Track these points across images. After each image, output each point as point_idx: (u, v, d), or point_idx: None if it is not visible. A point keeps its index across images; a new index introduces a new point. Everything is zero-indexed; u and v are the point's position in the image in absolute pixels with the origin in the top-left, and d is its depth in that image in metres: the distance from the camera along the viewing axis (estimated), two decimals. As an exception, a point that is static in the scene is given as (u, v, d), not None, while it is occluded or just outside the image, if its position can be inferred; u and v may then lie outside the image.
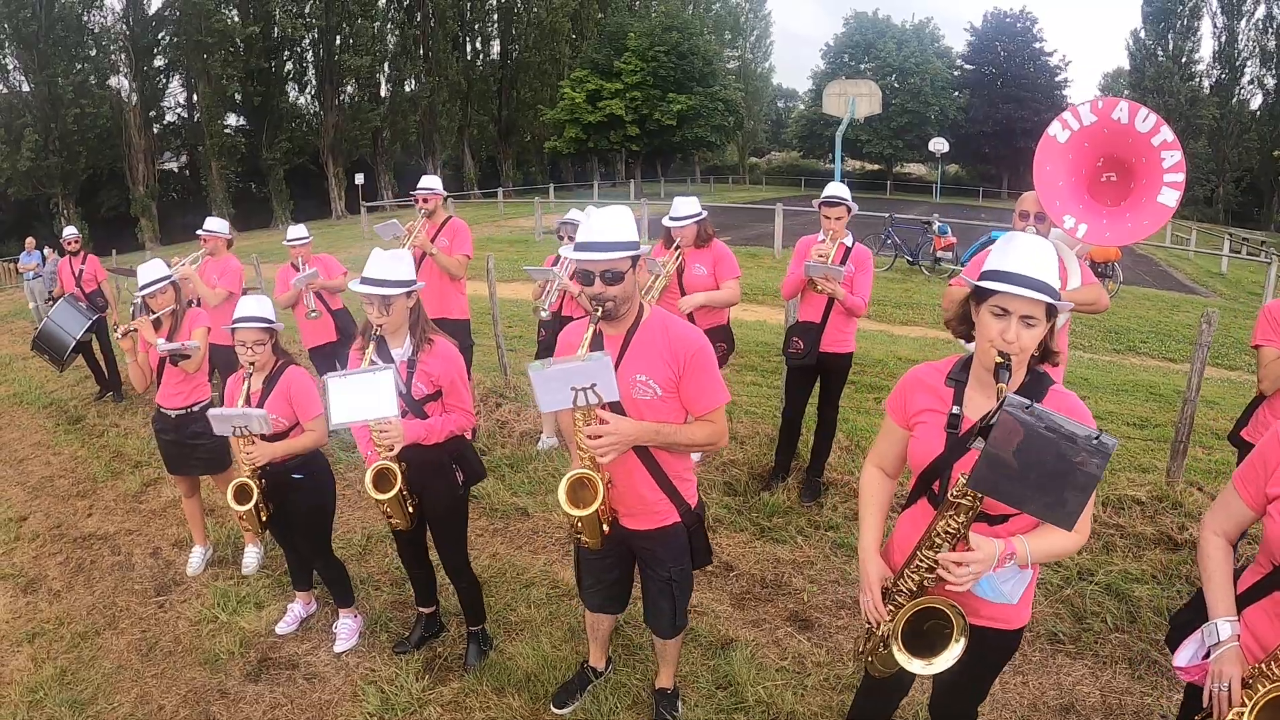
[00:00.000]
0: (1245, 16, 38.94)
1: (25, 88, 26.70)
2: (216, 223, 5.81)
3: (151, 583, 4.06)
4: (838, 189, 4.07)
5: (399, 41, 36.24)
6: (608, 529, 2.34)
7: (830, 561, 3.86)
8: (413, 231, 5.01)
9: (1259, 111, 39.83)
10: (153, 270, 3.87)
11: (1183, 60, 40.14)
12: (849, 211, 4.01)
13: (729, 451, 4.91)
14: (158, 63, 30.56)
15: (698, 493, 2.48)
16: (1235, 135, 39.26)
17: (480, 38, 42.57)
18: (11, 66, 26.69)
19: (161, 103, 31.90)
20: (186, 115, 33.60)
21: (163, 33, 29.85)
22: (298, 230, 5.63)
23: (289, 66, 34.39)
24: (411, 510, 2.86)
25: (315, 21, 32.58)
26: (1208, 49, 48.03)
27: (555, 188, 35.72)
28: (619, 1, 45.67)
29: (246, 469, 3.03)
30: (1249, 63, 39.56)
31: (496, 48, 43.27)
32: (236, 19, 29.43)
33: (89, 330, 6.93)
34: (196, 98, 31.44)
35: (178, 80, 32.28)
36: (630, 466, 2.29)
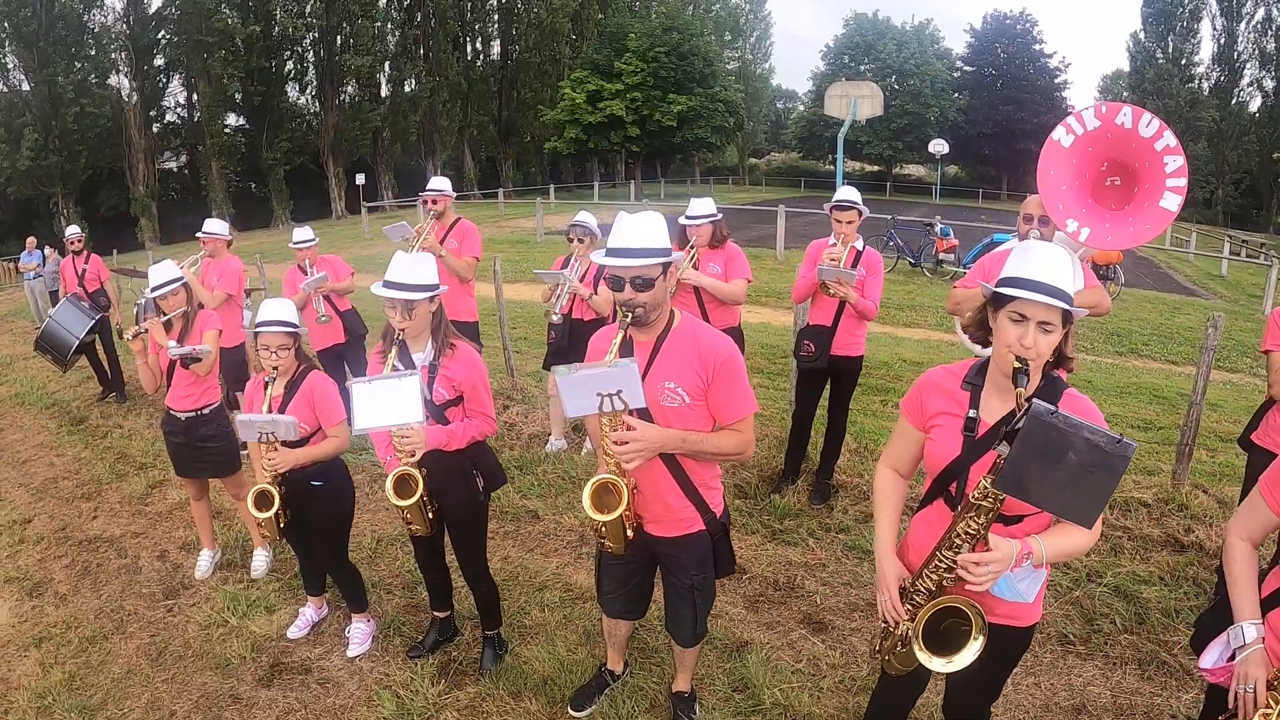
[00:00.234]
0: (1245, 19, 39.07)
1: (25, 87, 26.55)
2: (215, 224, 5.77)
3: (159, 586, 4.01)
4: (849, 193, 4.09)
5: (399, 41, 36.13)
6: (632, 534, 2.34)
7: (842, 564, 3.86)
8: (422, 234, 4.99)
9: (1258, 113, 39.93)
10: (164, 271, 3.82)
11: (1182, 62, 40.23)
12: (860, 215, 4.04)
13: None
14: (158, 62, 30.41)
15: (723, 501, 2.47)
16: (1234, 137, 39.36)
17: (480, 38, 42.49)
18: (11, 65, 26.57)
19: (161, 102, 31.76)
20: (186, 115, 33.47)
21: (163, 32, 29.74)
22: (304, 232, 5.57)
23: (289, 66, 34.25)
24: (431, 516, 2.85)
25: (316, 21, 32.48)
26: (1207, 51, 48.05)
27: (555, 188, 35.69)
28: (619, 2, 45.67)
29: (267, 475, 2.99)
30: (1248, 65, 39.69)
31: (497, 48, 43.21)
32: (237, 18, 29.35)
33: (92, 330, 6.90)
34: (196, 97, 31.33)
35: (178, 80, 32.15)
36: (656, 473, 2.28)
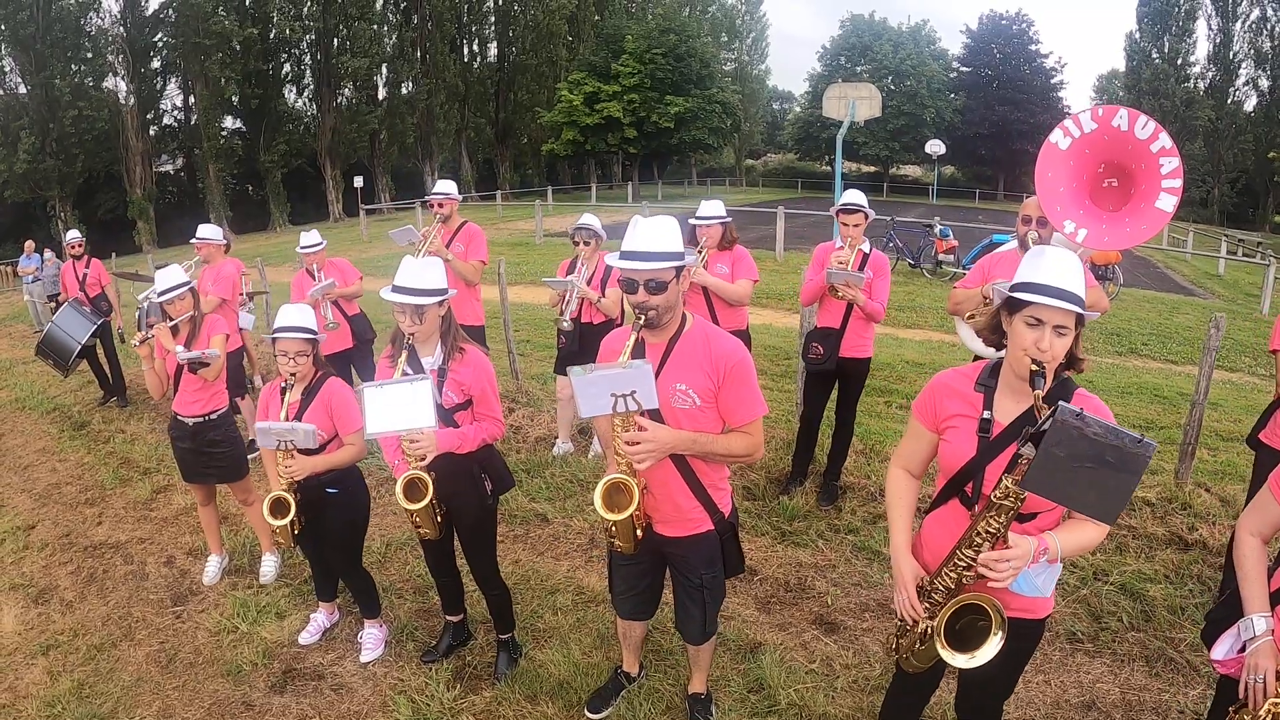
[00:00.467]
0: (1240, 18, 39.20)
1: (22, 89, 26.54)
2: (209, 230, 5.74)
3: (167, 592, 3.98)
4: (855, 196, 4.12)
5: (396, 44, 36.16)
6: (641, 534, 2.36)
7: (852, 565, 3.87)
8: (428, 237, 4.98)
9: (1254, 113, 40.03)
10: (172, 276, 3.81)
11: (1178, 62, 40.35)
12: (866, 218, 4.08)
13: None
14: (155, 65, 30.44)
15: (732, 501, 2.50)
16: (1230, 137, 39.50)
17: (477, 40, 42.53)
18: (8, 68, 26.57)
19: (159, 105, 31.74)
20: (184, 117, 33.45)
21: (160, 35, 29.72)
22: (311, 237, 5.52)
23: (286, 69, 34.22)
24: (440, 520, 2.85)
25: (313, 24, 32.53)
26: (1203, 51, 48.32)
27: (553, 190, 35.68)
28: (616, 4, 45.72)
29: (283, 482, 2.99)
30: (1244, 64, 39.82)
31: (494, 50, 43.24)
32: (234, 21, 29.31)
33: (93, 335, 6.88)
34: (194, 100, 31.33)
35: (175, 82, 32.16)
36: (666, 474, 2.31)
